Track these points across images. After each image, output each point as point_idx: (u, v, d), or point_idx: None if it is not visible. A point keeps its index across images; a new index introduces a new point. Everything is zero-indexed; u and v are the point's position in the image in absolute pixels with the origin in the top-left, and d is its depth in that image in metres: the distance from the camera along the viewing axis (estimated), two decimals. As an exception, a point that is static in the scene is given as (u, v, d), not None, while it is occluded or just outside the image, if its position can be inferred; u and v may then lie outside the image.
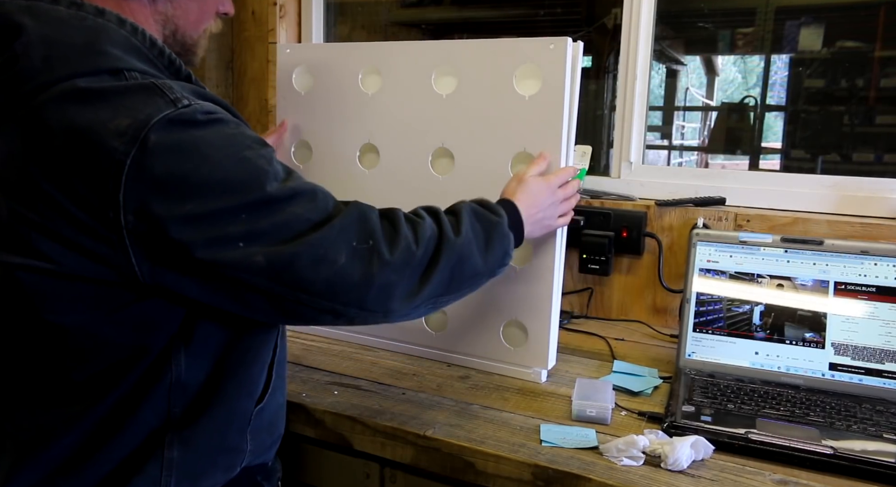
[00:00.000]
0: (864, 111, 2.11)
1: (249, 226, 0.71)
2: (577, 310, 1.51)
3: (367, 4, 2.17)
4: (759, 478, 0.84)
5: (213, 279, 0.72)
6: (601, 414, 0.98)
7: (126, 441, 0.77)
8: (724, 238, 1.15)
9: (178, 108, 0.69)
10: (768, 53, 2.71)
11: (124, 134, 0.67)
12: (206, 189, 0.69)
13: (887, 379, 1.03)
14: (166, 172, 0.67)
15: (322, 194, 0.78)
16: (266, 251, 0.71)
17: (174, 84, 0.73)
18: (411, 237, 0.81)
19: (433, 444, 0.93)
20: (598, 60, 2.17)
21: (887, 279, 1.06)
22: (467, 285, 0.89)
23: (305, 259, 0.73)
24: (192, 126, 0.70)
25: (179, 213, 0.68)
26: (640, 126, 1.55)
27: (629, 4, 1.51)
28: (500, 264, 0.92)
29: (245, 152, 0.72)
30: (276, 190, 0.73)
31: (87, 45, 0.71)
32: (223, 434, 0.82)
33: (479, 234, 0.89)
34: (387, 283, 0.78)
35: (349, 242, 0.76)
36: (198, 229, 0.69)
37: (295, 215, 0.74)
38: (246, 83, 1.90)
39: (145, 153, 0.67)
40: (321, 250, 0.74)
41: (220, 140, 0.71)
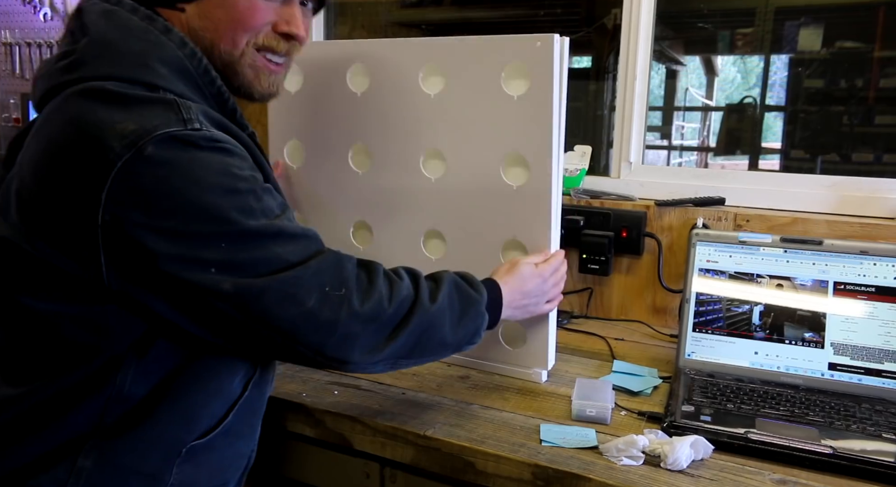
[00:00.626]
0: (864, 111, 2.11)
1: (226, 256, 0.71)
2: (577, 310, 1.51)
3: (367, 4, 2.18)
4: (758, 478, 0.84)
5: (178, 296, 0.72)
6: (601, 414, 0.98)
7: (47, 438, 0.75)
8: (723, 238, 1.15)
9: (185, 128, 0.71)
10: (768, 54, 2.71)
11: (125, 137, 0.68)
12: (191, 211, 0.70)
13: (886, 378, 1.03)
14: (153, 185, 0.68)
15: (307, 239, 0.79)
16: (234, 281, 0.71)
17: (193, 107, 0.74)
18: (385, 293, 0.81)
19: (433, 444, 0.93)
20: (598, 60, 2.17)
21: (886, 279, 1.06)
22: (431, 353, 0.88)
23: (274, 295, 0.73)
24: (192, 147, 0.71)
25: (158, 227, 0.69)
26: (640, 126, 1.55)
27: (629, 4, 1.51)
28: (469, 341, 0.92)
29: (238, 184, 0.73)
30: (262, 226, 0.73)
31: (139, 56, 0.74)
32: (144, 456, 0.78)
33: (455, 307, 0.89)
34: (350, 334, 0.78)
35: (322, 286, 0.76)
36: (173, 245, 0.69)
37: (275, 254, 0.74)
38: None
39: (138, 161, 0.68)
40: (292, 289, 0.74)
41: (215, 168, 0.72)
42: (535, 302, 1.04)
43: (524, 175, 1.08)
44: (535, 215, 1.08)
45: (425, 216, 1.18)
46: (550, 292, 1.06)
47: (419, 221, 1.18)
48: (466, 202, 1.13)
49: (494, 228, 1.11)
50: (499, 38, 1.06)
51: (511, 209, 1.09)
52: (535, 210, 1.07)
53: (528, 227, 1.09)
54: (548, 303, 1.07)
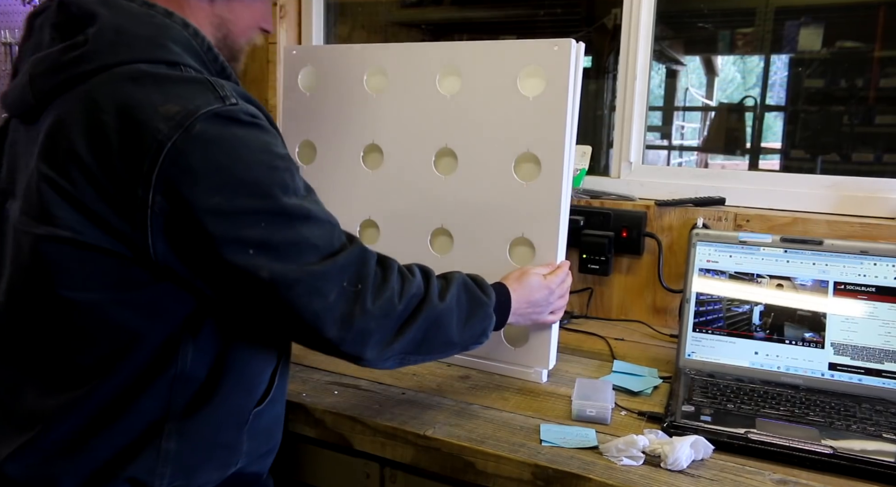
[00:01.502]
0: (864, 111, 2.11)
1: (264, 235, 0.74)
2: (577, 310, 1.51)
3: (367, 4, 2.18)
4: (758, 478, 0.84)
5: (218, 276, 0.75)
6: (601, 414, 0.98)
7: (125, 429, 0.78)
8: (723, 238, 1.15)
9: (225, 105, 0.73)
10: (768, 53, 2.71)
11: (172, 118, 0.70)
12: (236, 186, 0.72)
13: (887, 378, 1.03)
14: (203, 162, 0.71)
15: (332, 226, 0.81)
16: (271, 267, 0.74)
17: (225, 84, 0.77)
18: (397, 290, 0.84)
19: (433, 444, 0.93)
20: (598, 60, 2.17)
21: (887, 279, 1.06)
22: (438, 350, 0.91)
23: (303, 287, 0.76)
24: (235, 123, 0.74)
25: (206, 203, 0.71)
26: (640, 126, 1.55)
27: (629, 4, 1.51)
28: (476, 341, 0.94)
29: (276, 162, 0.76)
30: (296, 206, 0.76)
31: (152, 37, 0.76)
32: (220, 429, 0.83)
33: (463, 307, 0.91)
34: (365, 330, 0.81)
35: (342, 282, 0.79)
36: (219, 224, 0.72)
37: (305, 238, 0.77)
38: (246, 83, 1.90)
39: (188, 140, 0.70)
40: (319, 283, 0.77)
41: (257, 144, 0.75)
42: (540, 311, 1.06)
43: (536, 173, 1.09)
44: (545, 213, 1.09)
45: (433, 214, 1.18)
46: (556, 303, 1.08)
47: (427, 219, 1.19)
48: (476, 200, 1.14)
49: (503, 226, 1.12)
50: (517, 43, 1.09)
51: (521, 207, 1.11)
52: (545, 208, 1.09)
53: (537, 225, 1.10)
54: (551, 314, 1.09)
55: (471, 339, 0.93)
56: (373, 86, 1.22)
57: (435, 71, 1.16)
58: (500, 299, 0.98)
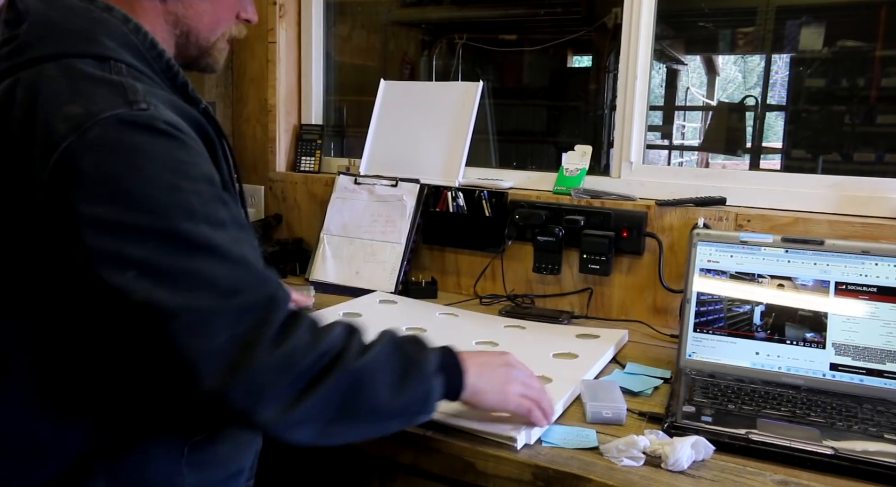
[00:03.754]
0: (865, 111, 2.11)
1: (150, 257, 0.66)
2: (578, 310, 1.51)
3: (366, 4, 2.17)
4: (759, 479, 0.84)
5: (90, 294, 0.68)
6: (617, 416, 0.97)
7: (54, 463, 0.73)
8: (724, 238, 1.15)
9: (132, 110, 0.68)
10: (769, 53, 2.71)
11: (71, 119, 0.67)
12: (125, 198, 0.66)
13: (888, 379, 1.03)
14: (93, 168, 0.66)
15: (245, 269, 0.70)
16: (150, 292, 0.65)
17: (141, 88, 0.71)
18: (305, 341, 0.71)
19: (433, 445, 0.93)
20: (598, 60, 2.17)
21: (888, 279, 1.06)
22: (366, 418, 0.76)
23: (185, 322, 0.66)
24: (139, 131, 0.68)
25: (88, 212, 0.66)
26: (641, 126, 1.54)
27: (629, 4, 1.50)
28: (418, 410, 0.80)
29: (182, 182, 0.69)
30: (198, 234, 0.68)
31: (85, 31, 0.74)
32: (148, 466, 0.76)
33: (395, 366, 0.77)
34: (256, 382, 0.68)
35: (235, 326, 0.68)
36: (100, 237, 0.66)
37: (199, 272, 0.67)
38: (246, 83, 1.90)
39: (82, 144, 0.66)
40: (204, 320, 0.67)
41: (162, 157, 0.69)
42: (505, 382, 0.88)
43: None
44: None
45: None
46: (523, 383, 0.89)
47: None
48: None
49: None
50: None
51: None
52: None
53: None
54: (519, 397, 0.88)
55: (410, 406, 0.79)
56: None
57: None
58: (446, 360, 0.83)
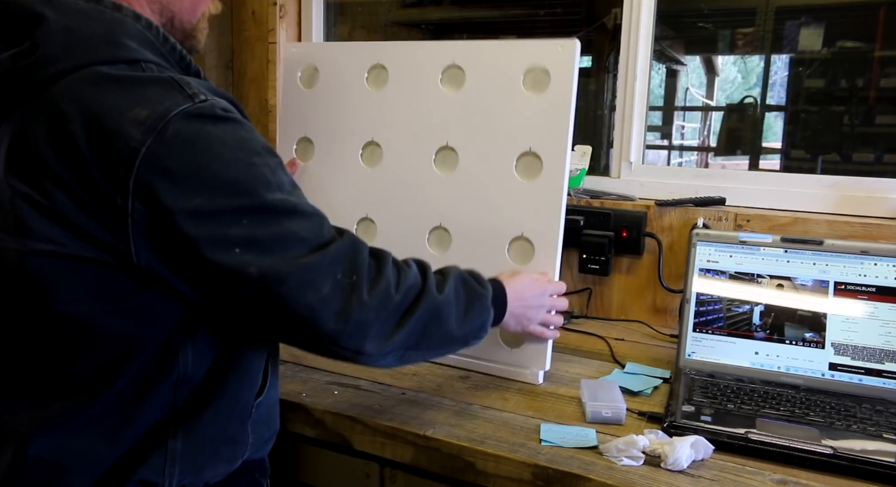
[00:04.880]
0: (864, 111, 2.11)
1: (249, 232, 0.72)
2: (577, 310, 1.51)
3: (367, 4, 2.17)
4: (758, 478, 0.84)
5: (205, 279, 0.73)
6: (616, 415, 0.97)
7: (131, 434, 0.78)
8: (724, 238, 1.15)
9: (195, 103, 0.71)
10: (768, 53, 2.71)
11: (143, 123, 0.68)
12: (215, 186, 0.71)
13: (887, 378, 1.03)
14: (179, 164, 0.69)
15: (320, 218, 0.79)
16: (260, 263, 0.72)
17: (191, 80, 0.75)
18: (393, 281, 0.82)
19: (433, 444, 0.93)
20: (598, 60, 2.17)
21: (887, 279, 1.06)
22: (437, 345, 0.89)
23: (294, 280, 0.73)
24: (208, 121, 0.72)
25: (186, 206, 0.69)
26: (640, 126, 1.54)
27: (629, 4, 1.50)
28: (475, 336, 0.92)
29: (254, 158, 0.74)
30: (279, 201, 0.74)
31: (106, 35, 0.73)
32: (226, 425, 0.83)
33: (461, 300, 0.89)
34: (363, 321, 0.78)
35: (335, 274, 0.77)
36: (201, 226, 0.70)
37: (292, 232, 0.75)
38: (246, 83, 1.90)
39: (161, 143, 0.68)
40: (310, 275, 0.74)
41: (233, 141, 0.73)
42: (531, 316, 1.04)
43: (537, 172, 1.09)
44: (545, 212, 1.09)
45: (432, 212, 1.18)
46: (546, 315, 1.06)
47: (425, 218, 1.19)
48: (476, 198, 1.14)
49: (502, 225, 1.13)
50: (522, 42, 1.10)
51: (521, 205, 1.11)
52: (545, 207, 1.09)
53: (537, 224, 1.10)
54: (540, 325, 1.06)
55: (470, 334, 0.91)
56: (373, 84, 1.22)
57: (438, 69, 1.16)
58: (496, 293, 0.96)
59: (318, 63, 1.28)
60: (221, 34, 1.87)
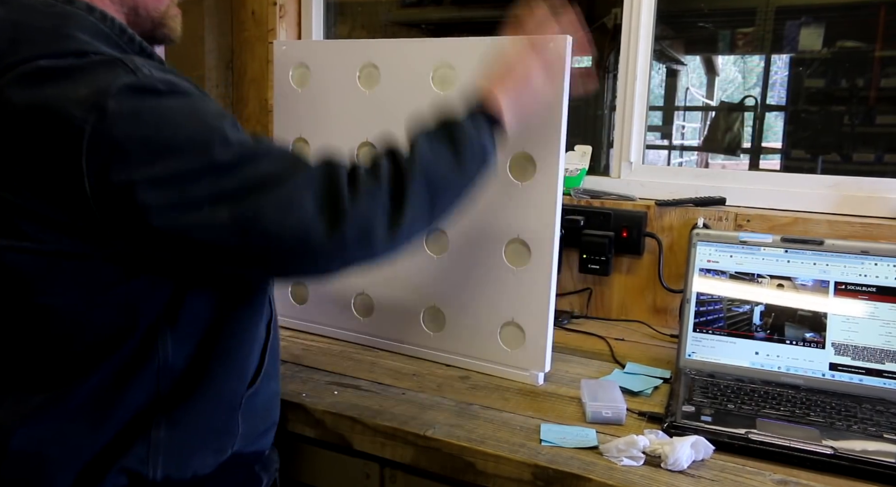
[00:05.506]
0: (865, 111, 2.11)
1: (215, 188, 0.70)
2: (577, 310, 1.51)
3: (367, 4, 2.17)
4: (759, 478, 0.84)
5: (184, 246, 0.72)
6: (616, 415, 0.97)
7: (114, 423, 0.78)
8: (724, 238, 1.15)
9: (138, 77, 0.70)
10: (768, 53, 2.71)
11: (84, 102, 0.67)
12: (169, 151, 0.69)
13: (888, 379, 1.03)
14: (127, 137, 0.67)
15: (283, 151, 0.77)
16: (231, 211, 0.70)
17: (137, 58, 0.73)
18: (371, 175, 0.78)
19: (433, 444, 0.93)
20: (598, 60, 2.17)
21: (888, 279, 1.06)
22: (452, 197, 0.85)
23: (269, 211, 0.71)
24: (152, 93, 0.70)
25: (144, 177, 0.68)
26: (640, 126, 1.54)
27: (629, 4, 1.50)
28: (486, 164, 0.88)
29: (205, 118, 0.72)
30: (237, 152, 0.72)
31: (55, 29, 0.73)
32: (211, 415, 0.83)
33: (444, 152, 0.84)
34: (360, 218, 0.75)
35: (312, 190, 0.74)
36: (164, 193, 0.68)
37: (259, 171, 0.72)
38: (246, 83, 1.90)
39: (105, 119, 0.67)
40: (285, 199, 0.72)
41: (182, 105, 0.72)
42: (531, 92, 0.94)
43: (531, 173, 1.08)
44: (540, 213, 1.08)
45: None
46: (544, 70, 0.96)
47: None
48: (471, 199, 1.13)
49: (498, 226, 1.12)
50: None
51: (515, 207, 1.10)
52: (540, 208, 1.08)
53: (533, 225, 1.09)
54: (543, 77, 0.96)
55: (478, 169, 0.87)
56: (365, 82, 1.21)
57: (429, 67, 1.15)
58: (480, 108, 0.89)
59: (308, 61, 1.27)
60: (221, 34, 1.87)
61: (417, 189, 0.80)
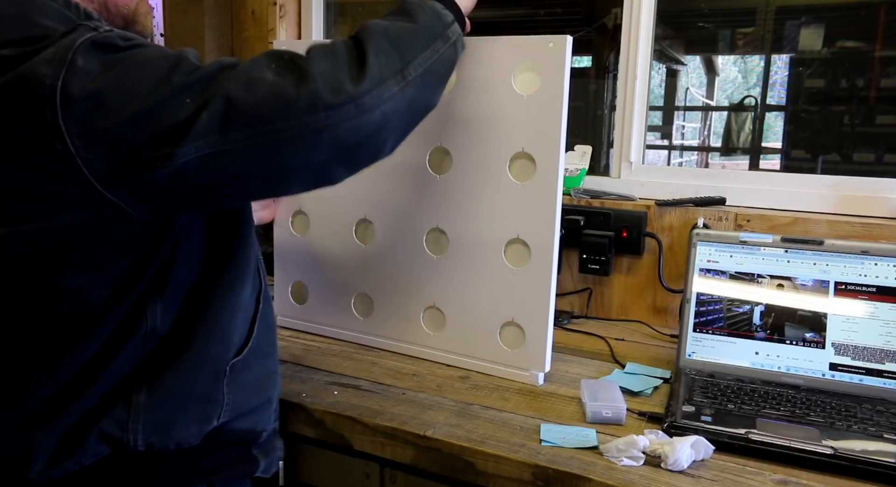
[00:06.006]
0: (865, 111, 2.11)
1: (195, 105, 0.70)
2: (577, 310, 1.51)
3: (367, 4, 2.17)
4: (759, 478, 0.84)
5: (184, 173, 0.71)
6: (617, 415, 0.97)
7: (99, 388, 0.78)
8: (724, 238, 1.15)
9: (99, 33, 0.71)
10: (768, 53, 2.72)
11: (51, 60, 0.67)
12: (142, 88, 0.69)
13: (887, 379, 1.03)
14: (100, 85, 0.68)
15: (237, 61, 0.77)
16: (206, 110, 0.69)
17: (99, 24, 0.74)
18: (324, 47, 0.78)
19: (433, 444, 0.93)
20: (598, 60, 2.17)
21: (888, 279, 1.06)
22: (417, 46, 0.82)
23: (235, 92, 0.70)
24: (114, 48, 0.71)
25: (124, 118, 0.68)
26: (640, 126, 1.54)
27: (629, 4, 1.50)
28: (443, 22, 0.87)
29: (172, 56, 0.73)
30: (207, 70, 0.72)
31: (19, 16, 0.73)
32: (194, 381, 0.83)
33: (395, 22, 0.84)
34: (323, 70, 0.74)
35: (267, 64, 0.74)
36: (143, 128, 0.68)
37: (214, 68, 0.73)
38: (246, 83, 1.90)
39: (75, 73, 0.67)
40: (242, 78, 0.71)
41: (145, 53, 0.72)
42: None
43: (531, 173, 1.08)
44: (540, 213, 1.08)
45: (428, 214, 1.18)
46: None
47: (422, 219, 1.19)
48: (471, 200, 1.14)
49: (498, 227, 1.12)
50: (512, 39, 1.07)
51: (515, 207, 1.10)
52: (540, 207, 1.08)
53: (533, 225, 1.09)
54: None
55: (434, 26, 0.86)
56: None
57: None
58: None
59: None
60: (221, 34, 1.87)
61: (377, 39, 0.79)
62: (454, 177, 1.15)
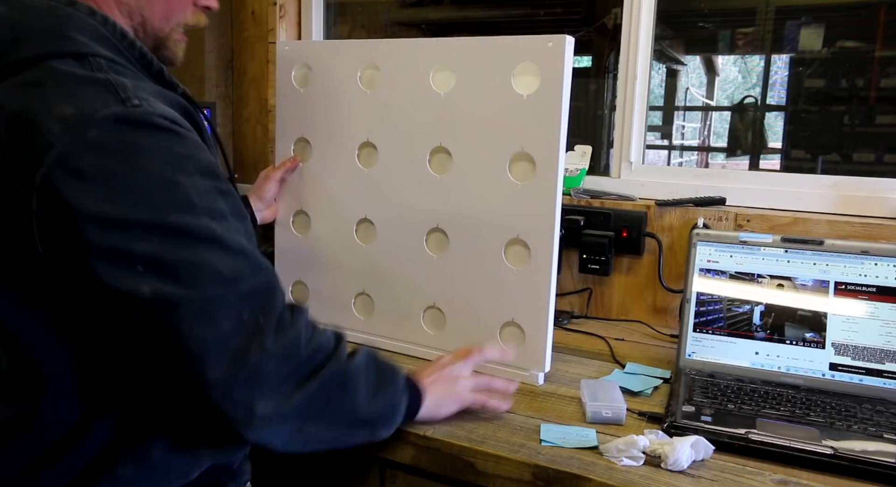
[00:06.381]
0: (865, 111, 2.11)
1: (156, 252, 0.67)
2: (577, 310, 1.51)
3: (367, 4, 2.17)
4: (759, 478, 0.84)
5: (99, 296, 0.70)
6: (617, 415, 0.97)
7: (79, 457, 0.75)
8: (724, 238, 1.15)
9: (126, 107, 0.68)
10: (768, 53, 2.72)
11: (66, 121, 0.66)
12: (129, 195, 0.67)
13: (888, 379, 1.03)
14: (94, 168, 0.66)
15: (245, 257, 0.73)
16: (157, 286, 0.67)
17: (129, 83, 0.71)
18: (305, 336, 0.77)
19: (433, 444, 0.93)
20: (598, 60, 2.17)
21: (888, 279, 1.06)
22: (342, 421, 0.81)
23: (190, 310, 0.68)
24: (136, 128, 0.68)
25: (93, 211, 0.66)
26: (640, 126, 1.54)
27: (629, 4, 1.50)
28: (386, 421, 0.86)
29: (181, 176, 0.69)
30: (198, 226, 0.69)
31: (54, 29, 0.72)
32: (175, 441, 0.79)
33: (372, 374, 0.84)
34: (260, 371, 0.71)
35: (240, 311, 0.70)
36: (106, 235, 0.66)
37: (206, 263, 0.69)
38: (246, 83, 1.90)
39: (80, 143, 0.65)
40: (210, 307, 0.69)
41: (160, 153, 0.69)
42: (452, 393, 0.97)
43: (530, 173, 1.08)
44: (540, 213, 1.08)
45: (429, 214, 1.18)
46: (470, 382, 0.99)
47: (423, 219, 1.19)
48: (471, 200, 1.14)
49: (498, 226, 1.12)
50: (511, 39, 1.08)
51: (516, 207, 1.10)
52: (540, 208, 1.08)
53: (533, 225, 1.09)
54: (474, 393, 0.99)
55: (382, 416, 0.85)
56: (366, 83, 1.22)
57: (429, 67, 1.15)
58: (411, 383, 0.91)
59: (310, 61, 1.27)
60: (221, 34, 1.87)
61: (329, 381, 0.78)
62: (454, 177, 1.15)
